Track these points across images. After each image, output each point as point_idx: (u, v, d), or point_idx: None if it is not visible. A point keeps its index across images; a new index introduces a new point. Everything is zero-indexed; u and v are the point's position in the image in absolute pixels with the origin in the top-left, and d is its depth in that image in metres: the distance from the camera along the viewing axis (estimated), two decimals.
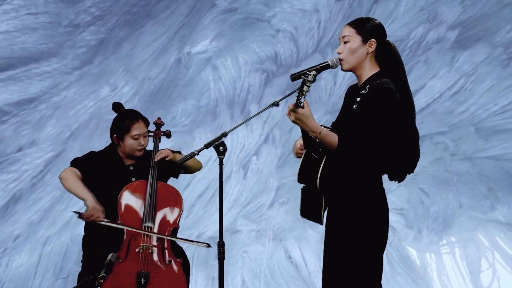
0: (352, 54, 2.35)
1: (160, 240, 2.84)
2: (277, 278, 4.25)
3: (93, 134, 4.67)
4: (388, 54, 2.38)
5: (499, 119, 4.30)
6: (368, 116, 2.27)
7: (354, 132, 2.27)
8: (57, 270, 4.46)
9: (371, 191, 2.33)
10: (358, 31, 2.38)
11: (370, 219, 2.32)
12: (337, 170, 2.32)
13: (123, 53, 4.75)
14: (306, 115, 2.25)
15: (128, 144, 2.98)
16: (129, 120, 2.99)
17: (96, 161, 3.02)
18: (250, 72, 4.57)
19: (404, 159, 2.32)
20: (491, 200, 4.25)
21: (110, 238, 2.88)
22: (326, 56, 4.45)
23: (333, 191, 2.35)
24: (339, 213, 2.35)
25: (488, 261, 4.14)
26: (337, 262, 2.33)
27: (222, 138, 2.52)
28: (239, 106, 4.58)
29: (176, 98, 4.66)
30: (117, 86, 4.73)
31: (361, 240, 2.31)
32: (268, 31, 4.56)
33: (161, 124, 3.09)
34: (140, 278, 2.76)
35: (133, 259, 2.80)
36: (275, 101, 2.47)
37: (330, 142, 2.27)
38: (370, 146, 2.26)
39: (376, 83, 2.31)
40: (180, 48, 4.70)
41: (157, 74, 4.70)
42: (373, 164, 2.31)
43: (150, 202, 2.85)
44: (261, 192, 4.43)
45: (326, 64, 2.37)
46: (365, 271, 2.30)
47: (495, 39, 4.23)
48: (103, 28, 4.79)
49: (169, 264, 2.82)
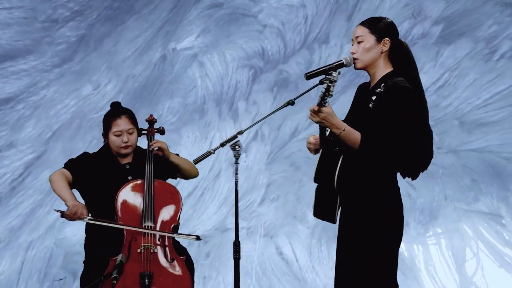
0: (366, 53, 2.37)
1: (161, 239, 2.82)
2: (268, 274, 4.23)
3: (75, 134, 4.54)
4: (401, 53, 2.40)
5: (481, 112, 4.38)
6: (388, 115, 2.30)
7: (375, 131, 2.29)
8: (42, 275, 4.32)
9: (388, 189, 2.35)
10: (372, 31, 2.39)
11: (387, 217, 2.34)
12: (354, 169, 2.34)
13: (105, 50, 4.63)
14: (330, 114, 2.29)
15: (112, 141, 2.92)
16: (112, 117, 2.93)
17: (90, 162, 2.94)
18: (238, 68, 4.52)
19: (418, 157, 2.35)
20: (474, 192, 4.33)
21: (111, 238, 2.84)
22: (314, 52, 4.44)
23: (349, 190, 2.36)
24: (355, 212, 2.37)
25: (473, 251, 4.22)
26: (352, 261, 2.34)
27: (237, 137, 2.52)
28: (227, 103, 4.53)
29: (162, 95, 4.57)
30: (100, 84, 4.62)
31: (378, 238, 2.33)
32: (255, 26, 4.52)
33: (153, 121, 3.03)
34: (144, 279, 2.73)
35: (135, 260, 2.76)
36: (291, 99, 2.47)
37: (353, 139, 2.29)
38: (392, 144, 2.29)
39: (392, 82, 2.33)
40: (165, 45, 4.61)
41: (141, 71, 4.60)
42: (391, 162, 2.34)
43: (148, 201, 2.81)
44: (251, 189, 4.40)
45: (340, 62, 2.38)
46: (381, 269, 2.32)
47: (477, 34, 4.30)
48: (83, 24, 4.66)
49: (172, 263, 2.79)
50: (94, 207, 2.94)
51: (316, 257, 4.29)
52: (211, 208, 4.41)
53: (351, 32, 4.63)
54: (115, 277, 2.61)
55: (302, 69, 4.46)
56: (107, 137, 2.94)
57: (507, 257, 4.18)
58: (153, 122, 3.03)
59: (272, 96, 4.50)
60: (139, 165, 2.94)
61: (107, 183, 2.89)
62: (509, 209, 4.28)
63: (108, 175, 2.93)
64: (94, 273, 2.77)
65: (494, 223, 4.26)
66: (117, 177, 2.92)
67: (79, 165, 2.94)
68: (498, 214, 4.30)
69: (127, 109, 3.01)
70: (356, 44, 2.40)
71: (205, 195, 4.38)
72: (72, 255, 4.32)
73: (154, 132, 3.01)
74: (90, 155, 3.00)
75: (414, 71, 2.38)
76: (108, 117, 2.95)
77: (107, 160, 2.95)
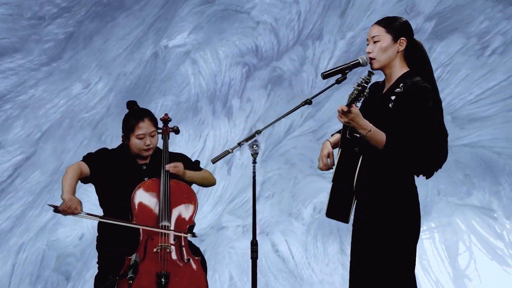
0: (383, 52, 2.37)
1: (177, 239, 2.82)
2: (264, 272, 4.24)
3: (66, 134, 4.45)
4: (416, 52, 2.41)
5: (473, 107, 4.43)
6: (410, 115, 2.31)
7: (398, 130, 2.31)
8: (34, 278, 4.24)
9: (407, 189, 2.38)
10: (388, 30, 2.39)
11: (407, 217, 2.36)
12: (374, 169, 2.36)
13: (95, 48, 4.54)
14: (358, 115, 2.29)
15: (134, 144, 2.92)
16: (134, 119, 2.93)
17: (108, 158, 2.93)
18: (231, 65, 4.49)
19: (435, 156, 2.39)
20: (467, 186, 4.39)
21: (125, 238, 2.83)
22: (307, 48, 4.43)
23: (369, 190, 2.38)
24: (375, 212, 2.38)
25: (465, 244, 4.28)
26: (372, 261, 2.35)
27: (255, 136, 2.51)
28: (221, 101, 4.49)
29: (154, 93, 4.51)
30: (90, 82, 4.53)
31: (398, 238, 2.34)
32: (248, 23, 4.49)
33: (168, 120, 3.05)
34: (161, 278, 2.73)
35: (152, 260, 2.76)
36: (308, 99, 2.48)
37: (378, 140, 2.30)
38: (415, 144, 2.32)
39: (411, 82, 2.34)
40: (157, 42, 4.55)
41: (132, 69, 4.53)
42: (412, 162, 2.36)
43: (164, 200, 2.81)
44: (246, 187, 4.39)
45: (356, 62, 2.38)
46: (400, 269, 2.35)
47: (469, 29, 4.35)
48: (71, 21, 4.56)
49: (187, 263, 2.81)
50: (108, 204, 2.92)
51: (312, 254, 4.30)
52: (206, 207, 4.38)
53: (344, 28, 4.67)
54: (131, 277, 2.61)
55: (296, 66, 4.45)
56: (128, 139, 2.92)
57: (499, 249, 4.25)
58: (167, 121, 3.04)
59: (266, 93, 4.48)
60: (156, 166, 2.92)
61: (122, 182, 2.88)
62: (501, 203, 4.35)
63: (124, 174, 2.90)
64: (109, 273, 2.76)
65: (486, 217, 4.33)
66: (134, 177, 2.90)
67: (98, 159, 2.90)
68: (490, 208, 4.37)
69: (148, 111, 3.01)
70: (372, 44, 2.40)
71: (200, 193, 4.35)
72: (65, 257, 4.25)
73: (169, 131, 3.02)
74: (109, 151, 2.97)
75: (429, 71, 2.40)
76: (130, 119, 2.94)
77: (125, 159, 2.93)
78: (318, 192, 4.36)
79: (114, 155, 2.93)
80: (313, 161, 4.38)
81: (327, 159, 2.49)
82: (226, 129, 4.46)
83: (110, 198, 2.89)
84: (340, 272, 4.17)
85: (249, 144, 2.54)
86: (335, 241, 4.26)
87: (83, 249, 4.26)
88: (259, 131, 2.50)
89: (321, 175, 4.36)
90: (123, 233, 2.82)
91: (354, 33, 4.39)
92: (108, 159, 2.91)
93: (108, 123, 4.47)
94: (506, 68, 4.26)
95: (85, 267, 4.23)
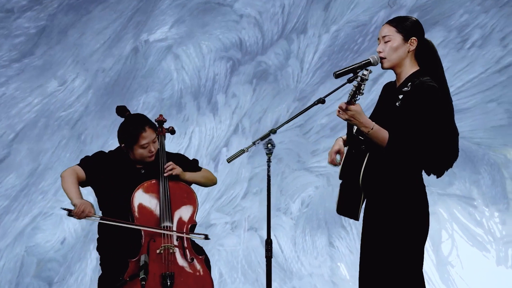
0: (394, 52, 2.39)
1: (180, 239, 2.81)
2: (254, 267, 4.21)
3: (42, 134, 4.25)
4: (427, 51, 2.42)
5: (454, 99, 4.48)
6: (416, 114, 2.32)
7: (403, 129, 2.31)
8: (13, 286, 4.04)
9: (414, 186, 2.39)
10: (399, 30, 2.40)
11: (415, 215, 2.38)
12: (381, 166, 2.36)
13: (70, 42, 4.34)
14: (359, 111, 2.29)
15: (138, 153, 2.89)
16: (135, 130, 2.87)
17: (105, 162, 2.90)
18: (215, 60, 4.39)
19: (444, 155, 2.40)
20: (449, 176, 4.49)
21: (125, 239, 2.79)
22: (292, 42, 4.40)
23: (375, 187, 2.38)
24: (383, 209, 2.38)
25: (448, 232, 4.39)
26: (381, 257, 2.36)
27: (270, 135, 2.50)
28: (206, 96, 4.39)
29: (135, 90, 4.36)
30: (66, 79, 4.34)
31: (407, 235, 2.36)
32: (231, 16, 4.40)
33: (163, 121, 3.01)
34: (166, 280, 2.70)
35: (155, 261, 2.73)
36: (321, 98, 2.43)
37: (381, 137, 2.31)
38: (419, 143, 2.32)
39: (419, 81, 2.36)
40: (136, 36, 4.40)
41: (112, 65, 4.36)
42: (418, 161, 2.37)
43: (165, 201, 2.80)
44: (234, 183, 4.33)
45: (367, 61, 2.39)
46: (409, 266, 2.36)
47: (450, 23, 4.43)
48: (42, 14, 4.35)
49: (192, 262, 2.79)
50: (107, 207, 2.88)
51: (301, 247, 4.30)
52: None
53: (328, 21, 4.65)
54: (143, 278, 2.60)
55: (281, 60, 4.40)
56: (132, 149, 2.88)
57: (479, 236, 4.38)
58: (162, 122, 3.01)
59: (251, 88, 4.42)
60: (153, 169, 2.90)
61: (121, 185, 2.86)
62: (480, 191, 4.48)
63: (122, 177, 2.89)
64: (114, 275, 2.73)
65: (467, 205, 4.45)
66: (132, 180, 2.88)
67: (94, 163, 2.87)
68: (470, 196, 4.49)
69: (145, 117, 2.95)
70: (383, 43, 2.41)
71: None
72: (46, 263, 4.10)
73: (165, 132, 2.99)
74: (106, 154, 2.93)
75: (440, 70, 2.43)
76: (132, 130, 2.87)
77: (123, 162, 2.92)
78: (305, 187, 4.36)
79: (111, 158, 2.90)
80: (300, 155, 4.36)
81: (336, 155, 2.48)
82: (212, 126, 4.37)
83: (109, 201, 2.85)
84: (328, 264, 4.21)
85: (264, 143, 2.52)
86: (323, 234, 4.28)
87: (65, 254, 4.11)
88: (274, 130, 2.49)
89: (308, 170, 4.36)
90: (123, 235, 2.79)
91: (338, 26, 4.39)
92: (105, 162, 2.88)
93: (87, 122, 4.31)
94: (485, 61, 4.37)
95: (68, 271, 4.09)
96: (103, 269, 2.86)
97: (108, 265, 2.83)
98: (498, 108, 4.34)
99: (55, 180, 4.17)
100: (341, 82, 4.05)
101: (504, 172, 4.31)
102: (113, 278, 2.72)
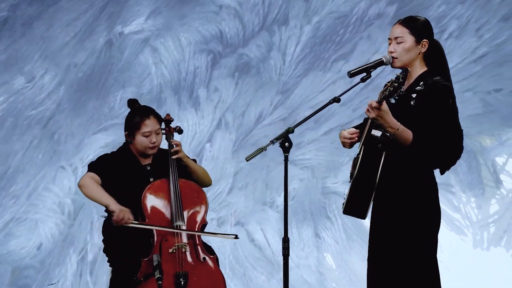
0: (406, 53, 2.46)
1: (192, 238, 2.80)
2: (242, 262, 4.18)
3: (10, 135, 4.00)
4: (436, 52, 2.50)
5: None
6: (434, 112, 2.38)
7: (423, 128, 2.37)
8: None
9: (429, 185, 2.44)
10: (412, 31, 2.48)
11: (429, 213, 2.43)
12: (398, 165, 2.41)
13: (36, 35, 4.09)
14: (387, 112, 2.34)
15: (139, 142, 2.88)
16: (139, 117, 2.88)
17: (111, 163, 2.87)
18: (195, 53, 4.26)
19: (451, 152, 2.47)
20: None
21: (136, 239, 2.76)
22: (274, 34, 4.33)
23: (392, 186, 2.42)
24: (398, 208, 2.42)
25: None
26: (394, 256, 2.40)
27: (287, 134, 2.49)
28: (187, 91, 4.26)
29: (112, 86, 4.17)
30: (34, 75, 4.09)
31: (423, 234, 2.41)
32: (210, 7, 4.28)
33: (170, 120, 3.00)
34: (179, 279, 2.69)
35: (168, 260, 2.72)
36: (336, 97, 2.45)
37: (406, 137, 2.37)
38: (440, 141, 2.39)
39: (431, 80, 2.44)
40: (110, 28, 4.19)
41: (84, 59, 4.14)
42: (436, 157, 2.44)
43: (176, 200, 2.80)
44: (219, 179, 4.25)
45: (380, 61, 2.46)
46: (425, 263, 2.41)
47: (428, 13, 4.50)
48: (3, 4, 4.08)
49: (204, 262, 2.80)
50: None
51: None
52: None
53: (310, 12, 4.61)
54: (159, 278, 2.59)
55: (263, 52, 4.33)
56: (133, 137, 2.88)
57: (457, 221, 4.52)
58: (169, 121, 3.01)
59: (233, 82, 4.32)
60: (159, 166, 2.90)
61: (129, 185, 2.84)
62: (457, 178, 4.61)
63: (129, 176, 2.87)
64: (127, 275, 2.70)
65: (445, 192, 4.57)
66: (139, 179, 2.87)
67: (103, 167, 2.84)
68: (448, 183, 4.59)
69: (151, 108, 2.96)
70: (395, 43, 2.48)
71: None
72: (21, 270, 3.88)
73: (172, 131, 2.99)
74: (110, 156, 2.91)
75: (446, 71, 2.49)
76: (135, 117, 2.89)
77: (128, 161, 2.91)
78: (290, 179, 4.29)
79: (116, 159, 2.90)
80: None
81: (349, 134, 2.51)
82: (194, 121, 4.25)
83: (117, 200, 2.78)
84: (315, 254, 4.23)
85: (281, 142, 2.50)
86: (309, 226, 4.29)
87: (42, 260, 3.90)
88: (291, 128, 2.48)
89: (292, 162, 4.33)
90: (134, 235, 2.75)
91: (319, 17, 4.37)
92: (111, 163, 2.87)
93: (60, 120, 4.08)
94: (461, 51, 4.48)
95: (47, 278, 3.87)
96: (114, 270, 2.81)
97: (119, 265, 2.79)
98: (473, 98, 4.46)
99: (28, 183, 3.93)
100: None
101: (479, 159, 4.44)
102: (126, 278, 2.70)
